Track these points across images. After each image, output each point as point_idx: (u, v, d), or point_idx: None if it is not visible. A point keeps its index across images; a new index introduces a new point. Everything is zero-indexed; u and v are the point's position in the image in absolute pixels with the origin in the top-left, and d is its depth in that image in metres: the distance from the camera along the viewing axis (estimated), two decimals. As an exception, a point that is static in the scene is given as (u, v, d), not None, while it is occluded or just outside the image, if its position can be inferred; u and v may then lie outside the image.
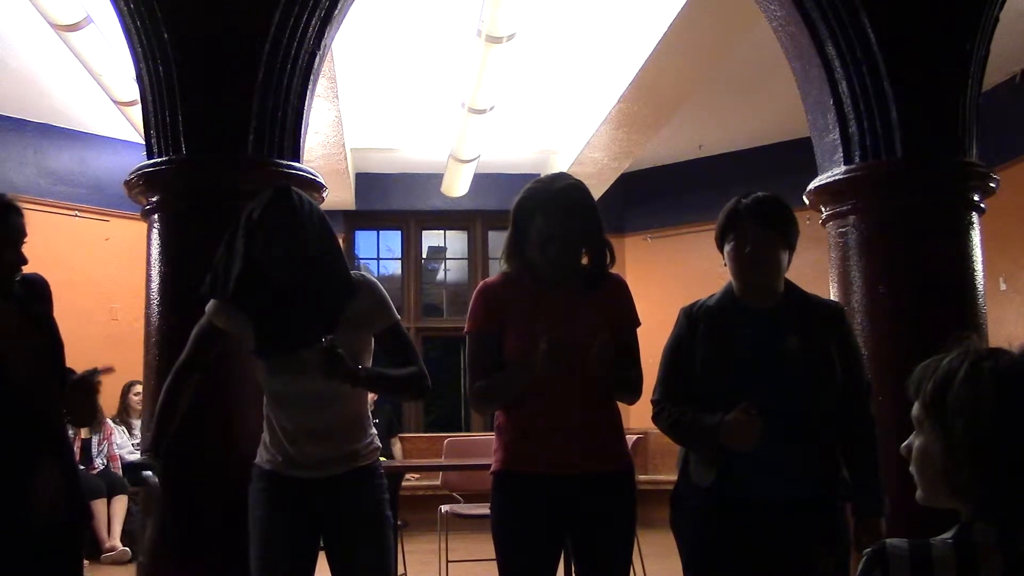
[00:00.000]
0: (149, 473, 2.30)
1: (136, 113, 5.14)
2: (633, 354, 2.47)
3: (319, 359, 2.19)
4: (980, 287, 3.22)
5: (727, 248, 2.39)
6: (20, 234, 2.39)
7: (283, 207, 2.29)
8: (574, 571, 2.50)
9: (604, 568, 2.41)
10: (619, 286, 2.51)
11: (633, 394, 2.45)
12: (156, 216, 3.13)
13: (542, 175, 2.56)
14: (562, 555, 2.56)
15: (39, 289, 2.48)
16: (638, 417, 2.55)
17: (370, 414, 2.54)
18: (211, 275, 2.38)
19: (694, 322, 2.42)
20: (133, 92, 5.23)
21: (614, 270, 2.52)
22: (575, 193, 2.42)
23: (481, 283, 2.54)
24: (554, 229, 2.36)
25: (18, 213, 2.42)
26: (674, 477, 2.50)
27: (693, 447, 2.40)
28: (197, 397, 2.50)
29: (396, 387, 2.50)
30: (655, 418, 2.43)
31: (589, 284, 2.46)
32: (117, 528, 6.02)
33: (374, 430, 2.53)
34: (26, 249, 2.42)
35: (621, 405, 2.48)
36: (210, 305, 2.41)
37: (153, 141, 3.10)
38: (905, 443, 1.28)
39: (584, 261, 2.48)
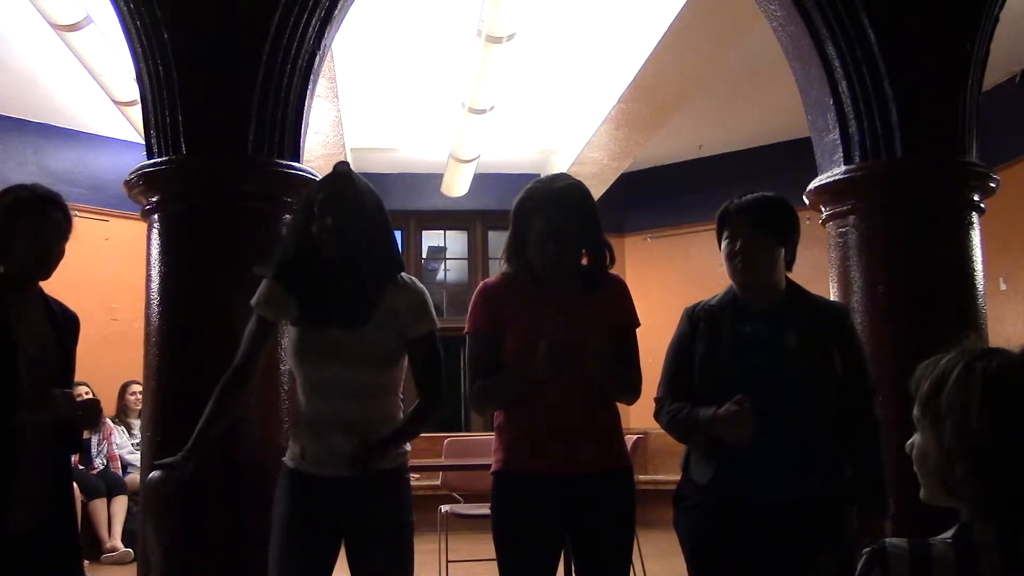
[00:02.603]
0: (156, 473, 2.29)
1: (136, 113, 5.14)
2: (632, 354, 2.47)
3: (351, 458, 2.23)
4: (980, 287, 3.22)
5: (721, 248, 2.40)
6: (54, 227, 2.39)
7: (342, 180, 2.35)
8: (574, 571, 2.50)
9: (604, 568, 2.41)
10: (619, 286, 2.51)
11: (632, 394, 2.45)
12: (156, 216, 3.13)
13: (542, 175, 2.57)
14: (562, 555, 2.56)
15: (72, 324, 2.50)
16: (638, 417, 2.55)
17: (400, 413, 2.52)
18: (272, 255, 2.43)
19: (695, 321, 2.42)
20: (133, 92, 5.23)
21: (614, 270, 2.52)
22: (574, 193, 2.43)
23: (481, 283, 2.55)
24: (553, 229, 2.37)
25: (56, 206, 2.42)
26: (674, 477, 2.50)
27: (690, 442, 2.41)
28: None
29: (417, 431, 2.51)
30: (656, 415, 2.45)
31: (588, 284, 2.46)
32: (117, 528, 6.01)
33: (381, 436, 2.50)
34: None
35: (621, 405, 2.48)
36: (258, 299, 2.41)
37: (153, 141, 3.10)
38: (908, 441, 1.29)
39: (584, 261, 2.49)
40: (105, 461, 6.28)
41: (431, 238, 9.04)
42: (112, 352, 6.32)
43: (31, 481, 2.30)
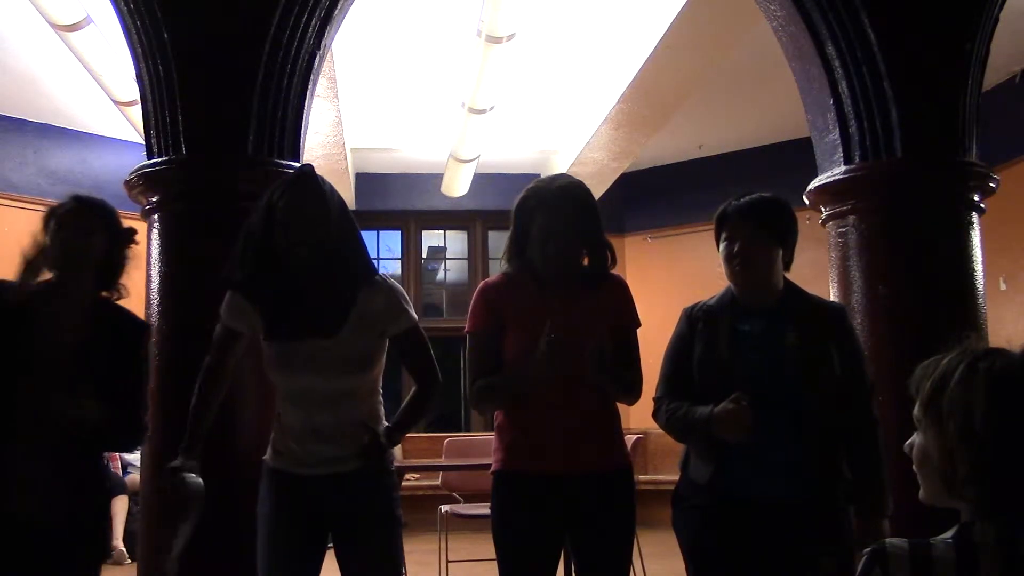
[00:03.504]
0: (193, 476, 2.31)
1: (136, 113, 5.14)
2: (633, 355, 2.47)
3: (362, 453, 2.22)
4: (980, 287, 3.22)
5: (720, 250, 2.40)
6: (84, 234, 2.40)
7: (305, 187, 2.30)
8: (574, 571, 2.50)
9: (604, 568, 2.41)
10: (620, 287, 2.51)
11: (632, 395, 2.45)
12: (156, 216, 3.13)
13: (542, 175, 2.58)
14: (562, 555, 2.56)
15: (123, 331, 2.47)
16: (638, 417, 2.55)
17: (382, 410, 2.52)
18: (229, 262, 2.37)
19: (694, 321, 2.42)
20: (133, 92, 5.23)
21: (614, 270, 2.52)
22: (575, 192, 2.43)
23: (482, 283, 2.55)
24: (553, 228, 2.37)
25: (94, 214, 2.45)
26: (674, 477, 2.50)
27: (688, 440, 2.42)
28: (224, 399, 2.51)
29: (419, 418, 2.51)
30: (654, 414, 2.45)
31: (589, 284, 2.46)
32: (119, 528, 6.00)
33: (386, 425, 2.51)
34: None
35: (621, 405, 2.48)
36: (223, 309, 2.41)
37: (153, 141, 3.10)
38: (907, 442, 1.29)
39: (585, 261, 2.49)
40: (105, 460, 6.26)
41: (431, 238, 9.04)
42: (112, 352, 6.31)
43: (26, 462, 2.30)
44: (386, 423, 2.50)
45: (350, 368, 2.34)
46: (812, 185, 3.40)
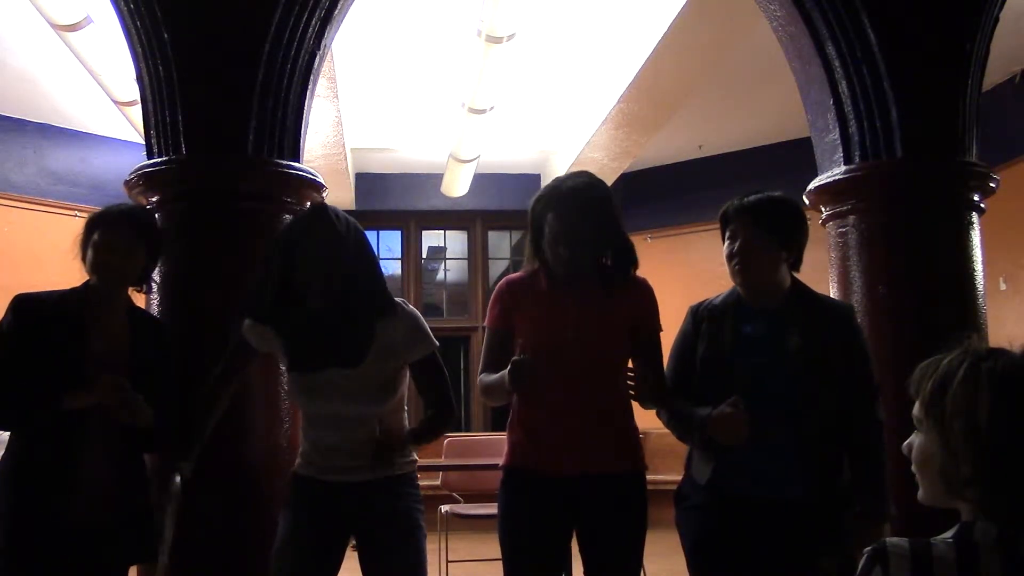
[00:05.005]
0: (176, 478, 2.34)
1: (136, 113, 5.14)
2: (659, 360, 2.46)
3: (372, 452, 2.24)
4: (980, 287, 3.22)
5: (723, 248, 2.40)
6: (118, 241, 2.47)
7: (319, 228, 2.30)
8: (583, 572, 2.50)
9: (609, 572, 2.40)
10: (642, 290, 2.50)
11: (660, 404, 2.45)
12: (156, 216, 3.12)
13: (542, 175, 2.59)
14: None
15: (152, 330, 2.59)
16: (638, 417, 2.54)
17: (407, 423, 2.54)
18: (248, 294, 2.42)
19: (699, 320, 2.43)
20: (133, 92, 5.22)
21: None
22: (588, 191, 2.41)
23: (504, 279, 2.56)
24: (564, 227, 2.36)
25: (129, 223, 2.52)
26: (674, 477, 2.51)
27: (688, 440, 2.42)
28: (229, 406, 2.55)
29: (437, 435, 2.54)
30: (658, 412, 2.45)
31: (607, 285, 2.45)
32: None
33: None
34: (25, 249, 2.45)
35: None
36: (246, 326, 2.43)
37: (153, 141, 3.10)
38: (906, 442, 1.29)
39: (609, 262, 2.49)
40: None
41: (431, 238, 9.04)
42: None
43: (89, 475, 2.34)
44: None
45: (375, 395, 2.37)
46: (812, 185, 3.40)
